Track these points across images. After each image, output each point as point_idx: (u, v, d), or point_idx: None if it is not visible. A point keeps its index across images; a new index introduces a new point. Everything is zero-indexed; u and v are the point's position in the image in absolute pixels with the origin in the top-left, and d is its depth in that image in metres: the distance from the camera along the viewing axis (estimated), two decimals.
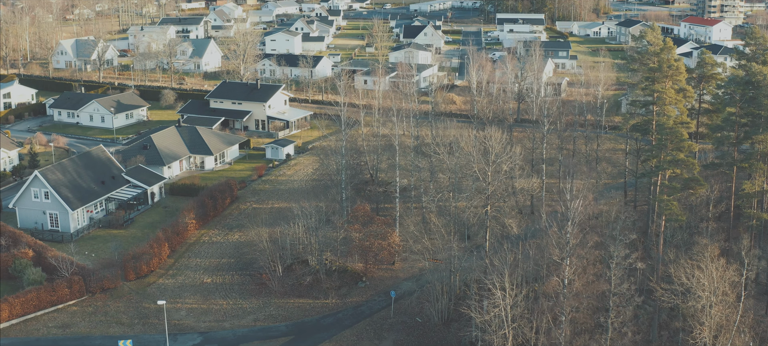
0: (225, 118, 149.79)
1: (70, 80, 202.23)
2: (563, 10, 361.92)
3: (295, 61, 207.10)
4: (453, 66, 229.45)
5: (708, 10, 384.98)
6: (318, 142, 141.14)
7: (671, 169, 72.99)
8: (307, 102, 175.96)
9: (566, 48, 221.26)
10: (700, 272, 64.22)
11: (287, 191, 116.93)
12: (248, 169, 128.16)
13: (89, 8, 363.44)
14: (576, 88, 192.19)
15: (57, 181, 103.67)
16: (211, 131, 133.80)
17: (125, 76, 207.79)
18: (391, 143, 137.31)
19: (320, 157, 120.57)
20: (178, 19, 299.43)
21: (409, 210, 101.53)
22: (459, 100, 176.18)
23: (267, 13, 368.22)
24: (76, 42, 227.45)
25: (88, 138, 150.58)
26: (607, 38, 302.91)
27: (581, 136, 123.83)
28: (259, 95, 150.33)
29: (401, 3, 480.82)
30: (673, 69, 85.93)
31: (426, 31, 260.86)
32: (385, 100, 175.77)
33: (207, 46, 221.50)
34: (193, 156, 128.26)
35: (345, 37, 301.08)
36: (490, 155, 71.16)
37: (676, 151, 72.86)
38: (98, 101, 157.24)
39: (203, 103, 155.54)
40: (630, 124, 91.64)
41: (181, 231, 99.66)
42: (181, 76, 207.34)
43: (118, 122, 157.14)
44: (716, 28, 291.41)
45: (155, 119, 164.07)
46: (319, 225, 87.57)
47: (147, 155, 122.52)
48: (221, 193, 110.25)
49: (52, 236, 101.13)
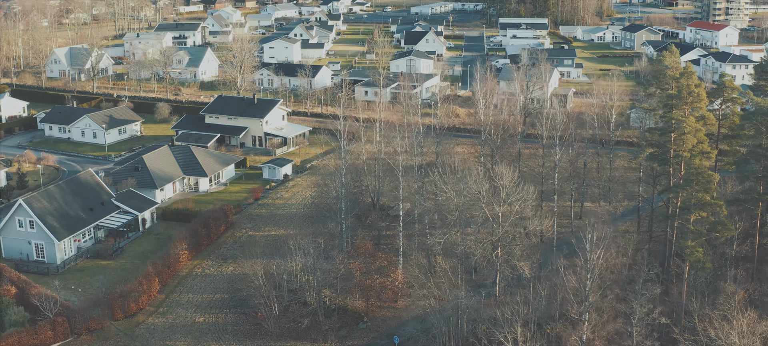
0: (220, 134, 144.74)
1: (62, 91, 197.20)
2: (566, 14, 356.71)
3: (293, 70, 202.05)
4: (455, 74, 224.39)
5: (713, 13, 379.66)
6: (317, 161, 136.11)
7: (697, 212, 67.89)
8: (306, 115, 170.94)
9: (571, 56, 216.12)
10: (730, 326, 59.25)
11: (285, 216, 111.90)
12: (244, 191, 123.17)
13: (85, 12, 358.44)
14: (582, 98, 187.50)
15: (43, 209, 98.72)
16: (205, 151, 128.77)
17: (120, 87, 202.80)
18: (393, 161, 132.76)
19: (319, 180, 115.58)
20: (174, 25, 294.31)
21: (413, 239, 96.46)
22: (462, 113, 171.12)
23: (266, 18, 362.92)
24: (69, 50, 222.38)
25: (79, 155, 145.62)
26: (611, 43, 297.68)
27: (593, 154, 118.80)
28: (256, 111, 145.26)
29: (402, 5, 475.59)
30: (694, 96, 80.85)
31: (427, 38, 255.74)
32: (386, 112, 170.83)
33: (203, 55, 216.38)
34: (186, 177, 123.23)
35: (345, 43, 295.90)
36: (501, 194, 66.08)
37: (702, 192, 67.75)
38: (90, 116, 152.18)
39: (198, 118, 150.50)
40: (646, 152, 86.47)
41: (173, 263, 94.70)
42: (177, 86, 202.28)
43: (110, 138, 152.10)
44: (722, 33, 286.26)
45: (149, 134, 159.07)
46: (318, 261, 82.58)
47: (139, 177, 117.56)
48: (215, 220, 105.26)
49: (38, 267, 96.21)
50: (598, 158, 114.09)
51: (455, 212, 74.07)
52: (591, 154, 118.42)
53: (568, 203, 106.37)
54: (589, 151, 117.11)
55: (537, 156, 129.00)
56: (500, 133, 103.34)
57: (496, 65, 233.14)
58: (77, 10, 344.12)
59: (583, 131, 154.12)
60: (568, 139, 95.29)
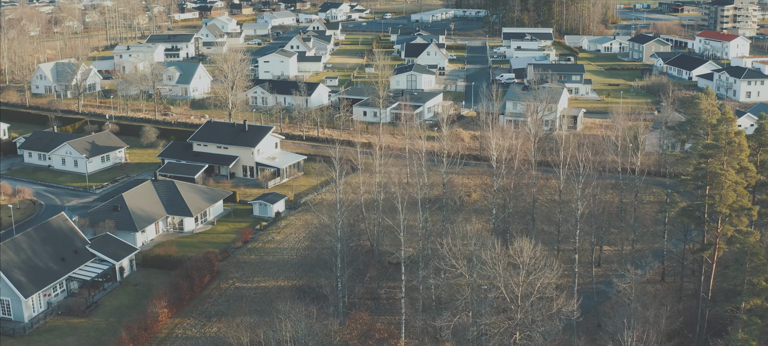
0: (209, 164, 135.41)
1: (46, 110, 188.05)
2: (571, 22, 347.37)
3: (288, 88, 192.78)
4: (458, 90, 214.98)
5: (720, 21, 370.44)
6: (312, 196, 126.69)
7: (751, 300, 58.65)
8: (300, 139, 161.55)
9: (580, 72, 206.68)
10: None
11: (276, 263, 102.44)
12: (233, 230, 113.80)
13: (77, 20, 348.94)
14: (593, 118, 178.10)
15: (9, 262, 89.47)
16: (191, 187, 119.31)
17: (107, 105, 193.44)
18: (394, 192, 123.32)
19: (313, 222, 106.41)
20: (167, 36, 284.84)
21: (417, 292, 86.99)
22: (467, 136, 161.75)
23: (262, 26, 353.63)
24: (55, 66, 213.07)
25: (58, 186, 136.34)
26: (619, 54, 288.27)
27: (611, 186, 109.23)
28: (247, 139, 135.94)
29: (402, 12, 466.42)
30: (734, 146, 71.48)
31: (429, 50, 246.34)
32: (386, 136, 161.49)
33: (195, 72, 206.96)
34: (170, 216, 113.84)
35: (343, 55, 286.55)
36: (520, 272, 56.82)
37: (757, 276, 58.43)
38: (71, 143, 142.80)
39: (186, 145, 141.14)
40: (678, 206, 77.07)
41: (150, 325, 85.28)
42: (166, 105, 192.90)
43: (92, 166, 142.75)
44: (733, 44, 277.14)
45: (134, 161, 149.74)
46: (310, 333, 73.21)
47: (118, 218, 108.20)
48: (198, 270, 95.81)
49: (3, 327, 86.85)
50: (619, 195, 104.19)
51: (467, 288, 64.79)
52: (607, 185, 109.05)
53: (588, 245, 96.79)
54: (608, 186, 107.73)
55: (549, 187, 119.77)
56: (512, 178, 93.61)
57: (500, 80, 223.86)
58: (68, 19, 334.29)
59: (596, 158, 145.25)
60: (586, 176, 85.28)
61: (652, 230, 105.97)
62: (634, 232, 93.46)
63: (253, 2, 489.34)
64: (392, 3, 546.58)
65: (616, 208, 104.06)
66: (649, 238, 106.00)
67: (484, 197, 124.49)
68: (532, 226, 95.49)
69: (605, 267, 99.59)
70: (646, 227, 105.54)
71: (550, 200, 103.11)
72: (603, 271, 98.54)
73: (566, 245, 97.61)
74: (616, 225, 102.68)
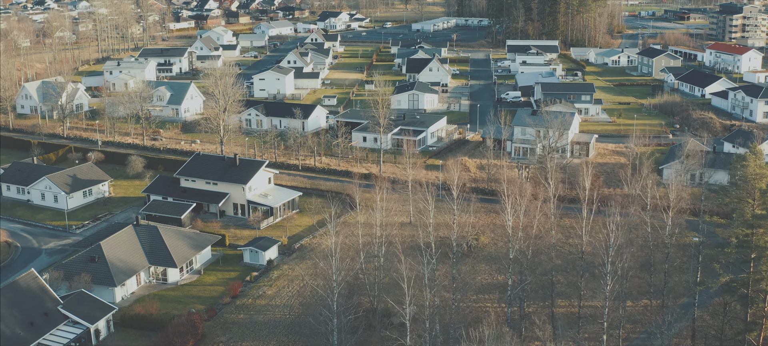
0: (197, 202, 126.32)
1: (30, 135, 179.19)
2: (577, 32, 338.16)
3: (284, 110, 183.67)
4: (462, 109, 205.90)
5: (729, 30, 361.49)
6: (307, 239, 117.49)
7: None
8: (296, 168, 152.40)
9: (590, 91, 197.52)
10: None
11: (267, 325, 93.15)
12: (221, 282, 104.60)
13: (68, 30, 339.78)
14: (605, 142, 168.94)
15: None
16: (176, 232, 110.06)
17: (93, 127, 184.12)
18: (395, 235, 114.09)
19: (308, 275, 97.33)
20: (159, 51, 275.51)
21: None
22: (473, 166, 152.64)
23: (259, 37, 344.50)
24: (41, 85, 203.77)
25: (37, 225, 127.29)
26: (627, 68, 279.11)
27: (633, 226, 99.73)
28: (238, 175, 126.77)
29: (402, 20, 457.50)
30: None
31: (431, 66, 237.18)
32: (387, 166, 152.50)
33: (186, 91, 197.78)
34: (153, 266, 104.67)
35: (342, 69, 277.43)
36: None
37: None
38: (50, 178, 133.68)
39: (173, 181, 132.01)
40: (720, 281, 67.89)
41: None
42: (155, 128, 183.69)
43: (73, 202, 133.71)
44: (745, 57, 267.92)
45: (119, 195, 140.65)
46: None
47: (95, 271, 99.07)
48: (181, 335, 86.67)
49: None
50: (646, 248, 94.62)
51: None
52: (627, 222, 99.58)
53: (601, 303, 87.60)
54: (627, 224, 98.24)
55: (565, 227, 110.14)
56: (530, 242, 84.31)
57: (506, 98, 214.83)
58: (59, 29, 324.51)
59: (611, 191, 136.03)
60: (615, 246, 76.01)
61: (680, 280, 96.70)
62: (664, 291, 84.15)
63: (251, 10, 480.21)
64: (392, 10, 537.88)
65: (640, 254, 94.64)
66: (678, 285, 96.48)
67: (493, 242, 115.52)
68: (551, 304, 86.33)
69: (629, 329, 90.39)
70: (672, 277, 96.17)
71: (569, 253, 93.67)
72: (626, 333, 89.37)
73: (591, 326, 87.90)
74: (638, 273, 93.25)
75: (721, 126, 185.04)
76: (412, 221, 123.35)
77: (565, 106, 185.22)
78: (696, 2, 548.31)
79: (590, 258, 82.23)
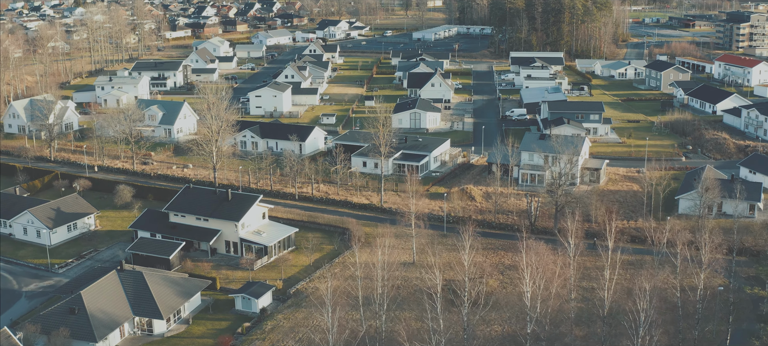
0: (187, 240, 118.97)
1: (16, 159, 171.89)
2: (582, 43, 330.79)
3: (280, 132, 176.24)
4: (466, 128, 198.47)
5: (736, 39, 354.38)
6: (305, 283, 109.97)
7: None
8: (293, 198, 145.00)
9: (598, 110, 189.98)
10: None
11: None
12: (210, 333, 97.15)
13: (62, 40, 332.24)
14: (615, 166, 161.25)
15: None
16: (163, 279, 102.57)
17: (81, 151, 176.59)
18: (399, 280, 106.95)
19: (304, 327, 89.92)
20: (153, 64, 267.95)
21: None
22: (479, 195, 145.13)
23: (257, 48, 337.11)
24: (30, 103, 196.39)
25: (18, 263, 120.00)
26: (634, 81, 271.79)
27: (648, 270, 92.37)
28: (230, 210, 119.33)
29: (402, 28, 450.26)
30: None
31: (433, 82, 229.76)
32: (388, 195, 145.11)
33: (179, 111, 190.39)
34: (138, 318, 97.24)
35: (341, 83, 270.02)
36: None
37: None
38: (32, 212, 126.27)
39: (161, 216, 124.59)
40: None
41: None
42: (147, 151, 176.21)
43: (56, 238, 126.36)
44: (756, 70, 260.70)
45: (106, 228, 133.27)
46: None
47: (74, 325, 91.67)
48: None
49: None
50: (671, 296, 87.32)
51: None
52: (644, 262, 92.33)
53: None
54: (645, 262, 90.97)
55: (586, 289, 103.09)
56: (548, 318, 76.95)
57: (511, 116, 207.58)
58: (52, 39, 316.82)
59: (624, 224, 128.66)
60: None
61: (711, 329, 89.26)
62: None
63: (248, 18, 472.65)
64: (392, 17, 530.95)
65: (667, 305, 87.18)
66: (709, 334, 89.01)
67: (503, 286, 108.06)
68: None
69: None
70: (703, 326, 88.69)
71: (589, 319, 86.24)
72: None
73: None
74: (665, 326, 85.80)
75: (734, 147, 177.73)
76: (415, 261, 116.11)
77: (574, 127, 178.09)
78: (700, 9, 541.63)
79: (614, 325, 74.84)
